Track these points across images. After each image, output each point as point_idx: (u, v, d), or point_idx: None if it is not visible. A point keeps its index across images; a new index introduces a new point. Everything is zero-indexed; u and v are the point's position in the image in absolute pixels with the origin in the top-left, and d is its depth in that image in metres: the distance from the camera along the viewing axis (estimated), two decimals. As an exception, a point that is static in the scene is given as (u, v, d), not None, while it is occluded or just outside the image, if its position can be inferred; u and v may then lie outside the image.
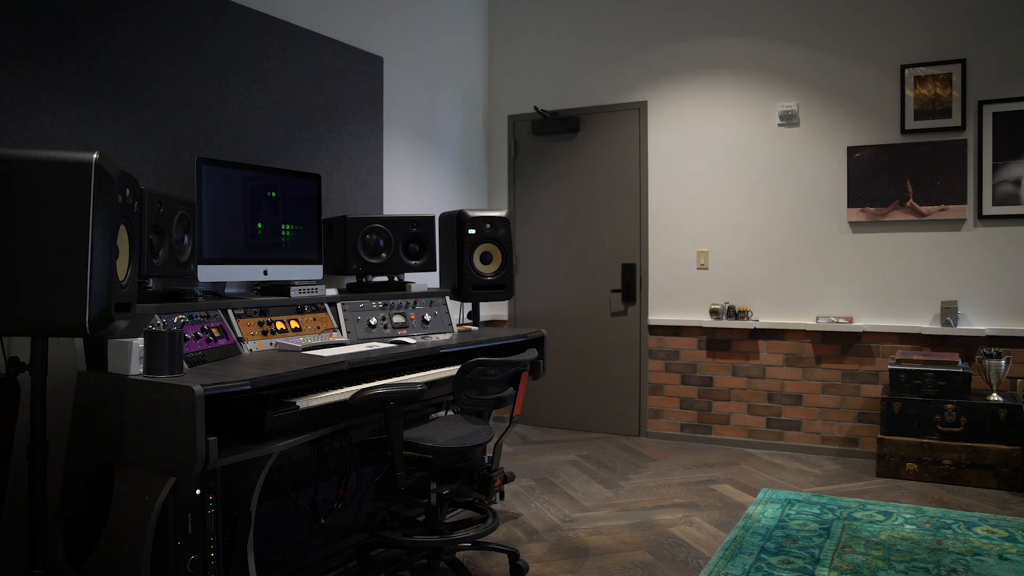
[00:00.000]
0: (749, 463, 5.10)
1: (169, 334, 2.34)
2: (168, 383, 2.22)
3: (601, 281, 5.96)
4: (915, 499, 4.29)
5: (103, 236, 2.07)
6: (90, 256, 2.03)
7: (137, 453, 2.27)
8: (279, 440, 2.52)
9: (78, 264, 2.03)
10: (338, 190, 4.50)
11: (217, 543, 2.59)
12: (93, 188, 2.04)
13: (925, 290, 5.06)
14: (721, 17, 5.58)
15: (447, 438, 2.98)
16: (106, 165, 2.09)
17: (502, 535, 3.77)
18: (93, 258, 2.04)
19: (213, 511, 2.58)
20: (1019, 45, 4.82)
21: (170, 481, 2.27)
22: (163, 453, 2.21)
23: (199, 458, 2.15)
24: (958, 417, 4.58)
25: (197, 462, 2.15)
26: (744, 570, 3.29)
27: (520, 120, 6.27)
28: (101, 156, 2.08)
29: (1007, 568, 3.30)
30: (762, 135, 5.48)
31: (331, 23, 4.52)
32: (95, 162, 2.06)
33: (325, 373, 2.82)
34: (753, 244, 5.50)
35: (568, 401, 6.11)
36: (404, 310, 3.90)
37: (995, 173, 4.87)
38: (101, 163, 2.07)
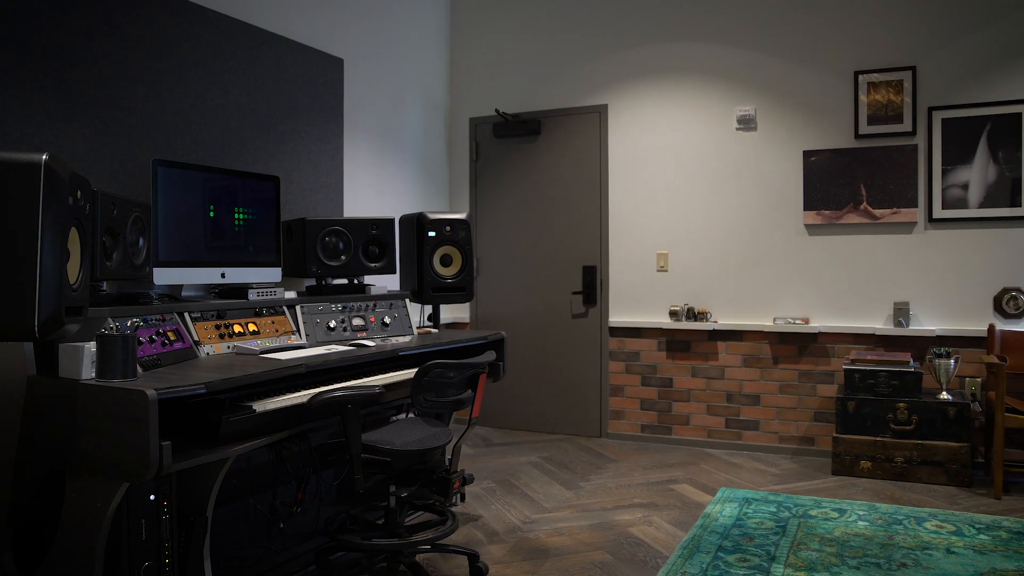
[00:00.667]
0: (708, 463, 5.16)
1: (122, 338, 2.31)
2: (121, 387, 2.20)
3: (562, 283, 6.00)
4: (869, 496, 4.38)
5: (53, 239, 2.04)
6: (39, 259, 2.00)
7: (89, 459, 2.24)
8: (235, 444, 2.51)
9: (26, 267, 2.00)
10: (298, 192, 4.47)
11: (172, 549, 2.57)
12: (42, 190, 2.01)
13: (878, 291, 5.17)
14: (680, 22, 5.65)
15: (406, 441, 2.98)
16: (56, 166, 2.06)
17: (462, 537, 3.78)
18: (42, 261, 2.01)
19: (168, 517, 2.55)
20: (966, 54, 4.95)
21: (123, 487, 2.24)
22: (116, 458, 2.18)
23: (152, 463, 2.13)
24: (910, 416, 4.68)
25: (150, 467, 2.13)
26: (701, 569, 3.34)
27: (481, 123, 6.28)
28: (51, 157, 2.05)
29: (954, 561, 3.38)
30: (721, 139, 5.55)
31: (292, 25, 4.49)
32: (44, 163, 2.03)
33: (283, 376, 2.81)
34: (712, 246, 5.57)
35: (530, 403, 6.13)
36: (364, 313, 3.89)
37: (944, 177, 4.99)
38: (51, 164, 2.04)
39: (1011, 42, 4.86)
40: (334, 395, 2.76)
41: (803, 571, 3.30)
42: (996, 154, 4.87)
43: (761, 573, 3.28)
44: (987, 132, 4.89)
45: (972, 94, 4.94)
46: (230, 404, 2.57)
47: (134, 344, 2.33)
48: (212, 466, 2.59)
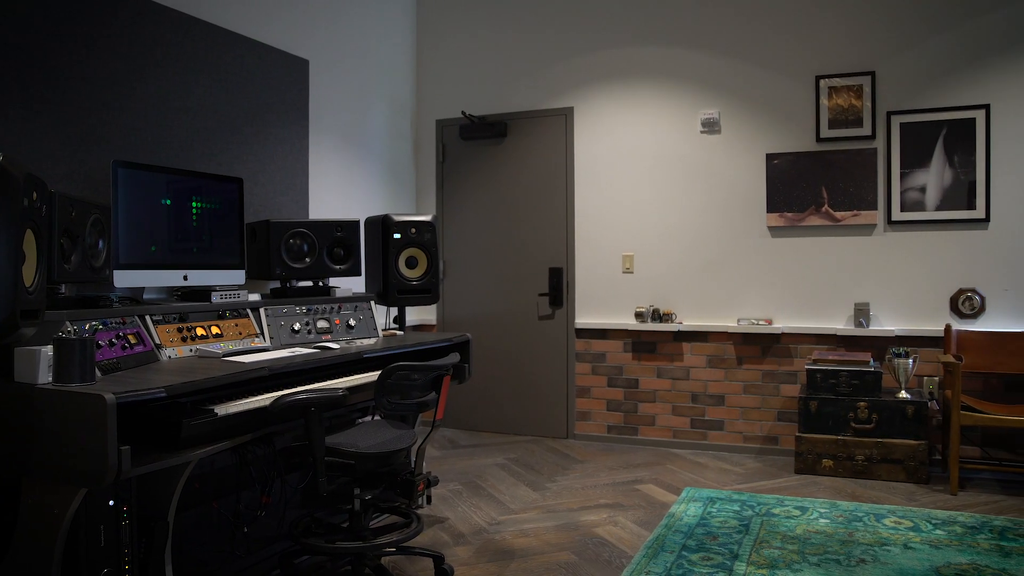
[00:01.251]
0: (674, 463, 5.21)
1: (80, 341, 2.28)
2: (78, 392, 2.17)
3: (529, 285, 6.02)
4: (830, 494, 4.45)
5: (7, 241, 2.01)
6: (-7, 262, 1.98)
7: (46, 464, 2.21)
8: (197, 448, 2.48)
9: (-19, 270, 1.97)
10: (262, 194, 4.44)
11: (132, 555, 2.54)
12: (-3, 192, 1.99)
13: (839, 292, 5.25)
14: (645, 26, 5.70)
15: (370, 443, 2.97)
16: (10, 167, 2.04)
17: (428, 539, 3.78)
18: (-3, 264, 1.98)
19: (128, 522, 2.52)
20: (923, 60, 5.05)
21: (81, 493, 2.21)
22: (73, 464, 2.16)
23: (111, 468, 2.11)
24: (870, 414, 4.76)
25: (109, 472, 2.10)
26: (665, 568, 3.37)
27: (448, 124, 6.28)
28: (5, 158, 2.02)
29: (911, 556, 3.45)
30: (685, 142, 5.61)
31: (256, 25, 4.46)
32: (-1, 165, 2.00)
33: (246, 379, 2.79)
34: (677, 248, 5.62)
35: (497, 404, 6.14)
36: (328, 315, 3.88)
37: (902, 180, 5.08)
38: (5, 165, 2.02)
39: (966, 49, 4.96)
40: (297, 398, 2.74)
41: (765, 569, 3.34)
42: (952, 158, 4.98)
43: (724, 571, 3.32)
44: (943, 136, 4.99)
45: (929, 99, 5.04)
46: (191, 408, 2.55)
47: (92, 348, 2.30)
48: (173, 470, 2.56)
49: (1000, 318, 4.92)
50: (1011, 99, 4.88)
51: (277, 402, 2.72)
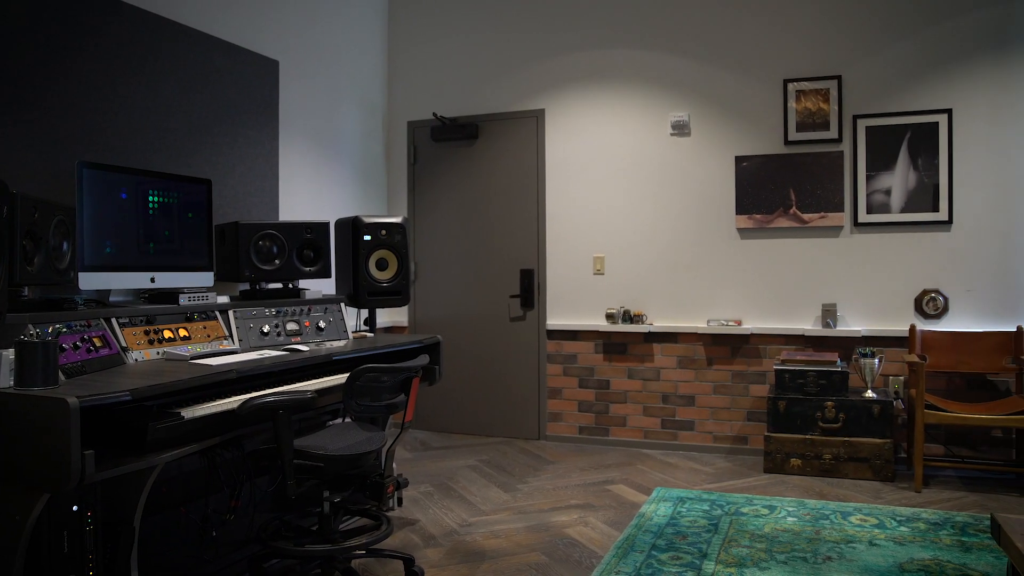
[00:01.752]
0: (644, 463, 5.24)
1: (42, 344, 2.25)
2: (40, 395, 2.14)
3: (500, 286, 6.02)
4: (798, 492, 4.50)
5: (-32, 243, 1.99)
6: (-47, 264, 1.95)
7: (7, 469, 2.18)
8: (163, 452, 2.46)
9: (-60, 273, 1.94)
10: (231, 196, 4.41)
11: (96, 561, 2.51)
12: (-43, 193, 1.96)
13: (807, 293, 5.31)
14: (616, 29, 5.73)
15: (339, 446, 2.96)
16: (-29, 169, 2.01)
17: (399, 541, 3.77)
18: (-43, 266, 1.96)
19: (92, 528, 2.49)
20: (888, 64, 5.13)
21: (43, 498, 2.19)
22: (35, 469, 2.13)
23: (74, 473, 2.08)
24: (837, 414, 4.82)
25: (72, 477, 2.08)
26: (635, 567, 3.39)
27: (420, 126, 6.27)
28: (-34, 160, 1.99)
29: (875, 552, 3.50)
30: (655, 144, 5.65)
31: (225, 25, 4.43)
32: (-41, 166, 1.97)
33: (214, 382, 2.78)
34: (647, 250, 5.66)
35: (468, 406, 6.14)
36: (298, 317, 3.86)
37: (868, 183, 5.16)
38: (-34, 167, 1.99)
39: (929, 55, 5.05)
40: (265, 401, 2.73)
41: (733, 567, 3.37)
42: (916, 161, 5.06)
43: (693, 570, 3.35)
44: (907, 140, 5.07)
45: (894, 103, 5.12)
46: (157, 411, 2.52)
47: (55, 351, 2.28)
48: (139, 475, 2.54)
49: (963, 318, 5.00)
50: (971, 104, 4.97)
51: (245, 405, 2.71)
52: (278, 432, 2.80)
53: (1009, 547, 2.54)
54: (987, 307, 4.97)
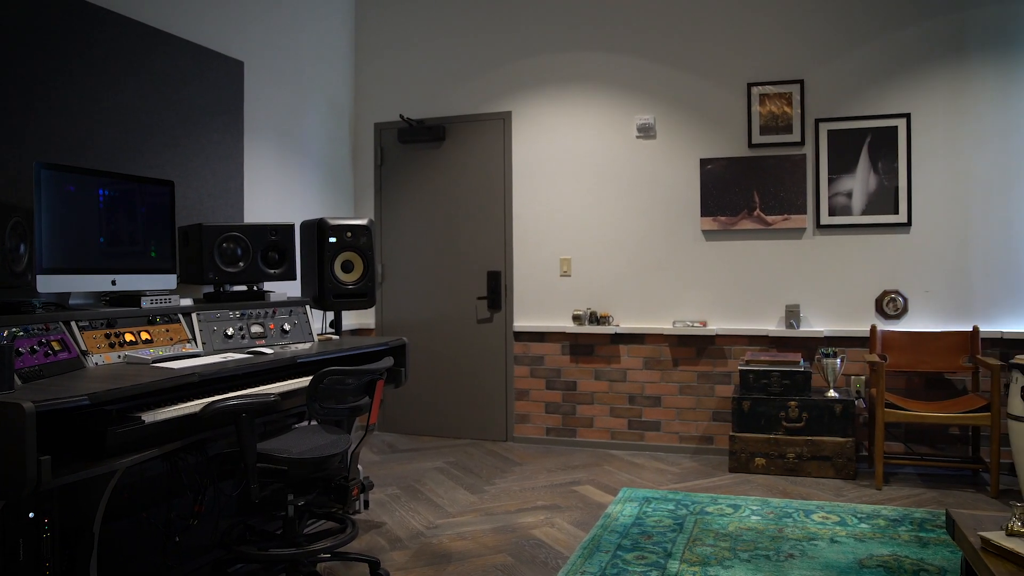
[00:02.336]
0: (611, 464, 5.27)
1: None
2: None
3: (467, 288, 6.03)
4: (762, 491, 4.55)
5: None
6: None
7: (-38, 475, 2.14)
8: (123, 456, 2.43)
9: None
10: (195, 197, 4.37)
11: (54, 569, 2.47)
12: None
13: (771, 294, 5.38)
14: (582, 33, 5.76)
15: (303, 449, 2.95)
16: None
17: (365, 544, 3.76)
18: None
19: (49, 535, 2.46)
20: (849, 69, 5.21)
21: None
22: (-9, 474, 2.10)
23: (29, 479, 2.05)
24: (800, 413, 4.88)
25: (27, 483, 2.05)
26: (600, 568, 3.41)
27: (386, 128, 6.26)
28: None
29: (836, 549, 3.56)
30: (621, 146, 5.69)
31: (189, 25, 4.39)
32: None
33: (177, 385, 2.75)
34: (613, 252, 5.70)
35: (436, 408, 6.13)
36: (263, 320, 3.84)
37: (830, 186, 5.24)
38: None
39: (888, 60, 5.14)
40: (228, 404, 2.71)
41: (697, 566, 3.41)
42: (876, 164, 5.15)
43: (657, 570, 3.38)
44: (868, 143, 5.16)
45: (854, 107, 5.21)
46: (117, 415, 2.49)
47: (11, 355, 2.25)
48: (98, 480, 2.50)
49: (921, 318, 5.10)
50: (929, 109, 5.07)
51: (207, 408, 2.68)
52: (241, 436, 2.78)
53: (963, 541, 2.59)
54: (945, 308, 5.06)
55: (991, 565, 2.31)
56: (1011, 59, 4.93)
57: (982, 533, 2.48)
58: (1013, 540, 2.36)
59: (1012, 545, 2.33)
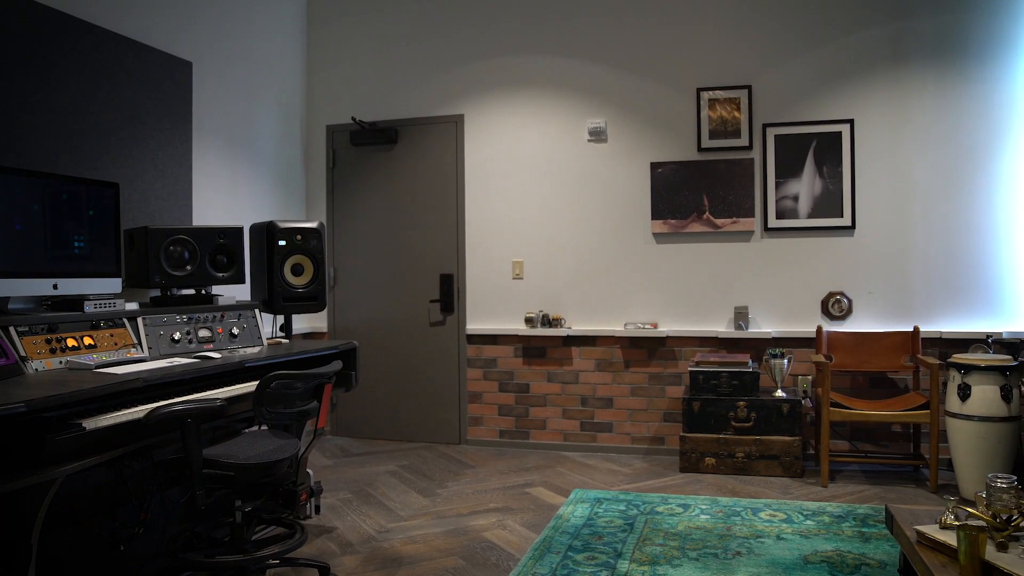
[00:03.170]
0: (564, 465, 5.30)
1: (-68, 355, 2.16)
2: (-72, 408, 2.06)
3: (420, 291, 6.02)
4: (712, 491, 4.62)
5: None
6: None
7: None
8: (63, 464, 2.39)
9: None
10: (142, 200, 4.30)
11: (-9, 579, 2.42)
12: None
13: (721, 296, 5.46)
14: (534, 36, 5.80)
15: (250, 454, 2.92)
16: None
17: (316, 549, 3.73)
18: None
19: (-14, 545, 2.40)
20: (795, 75, 5.32)
21: (-69, 514, 2.10)
22: (-77, 484, 2.04)
23: (-37, 488, 2.01)
24: (749, 413, 4.97)
25: (-39, 492, 2.01)
26: (551, 569, 3.43)
27: (339, 130, 6.22)
28: None
29: (782, 546, 3.63)
30: (573, 150, 5.73)
31: (135, 24, 4.32)
32: None
33: (121, 391, 2.70)
34: (566, 254, 5.74)
35: (389, 412, 6.11)
36: (211, 324, 3.79)
37: (777, 189, 5.34)
38: None
39: (833, 67, 5.26)
40: (173, 409, 2.68)
41: (647, 565, 3.45)
42: (821, 169, 5.26)
43: (607, 570, 3.41)
44: (813, 148, 5.27)
45: (800, 113, 5.32)
46: (56, 422, 2.45)
47: (-55, 362, 2.19)
48: (36, 489, 2.45)
49: (865, 319, 5.22)
50: (871, 115, 5.20)
51: (152, 414, 2.64)
52: (186, 441, 2.74)
53: (900, 536, 2.67)
54: (887, 308, 5.19)
55: (925, 557, 2.38)
56: (947, 68, 5.08)
57: (918, 527, 2.55)
58: (946, 533, 2.43)
59: (944, 538, 2.40)
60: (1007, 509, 2.34)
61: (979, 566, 2.19)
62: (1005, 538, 2.31)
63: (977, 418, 4.29)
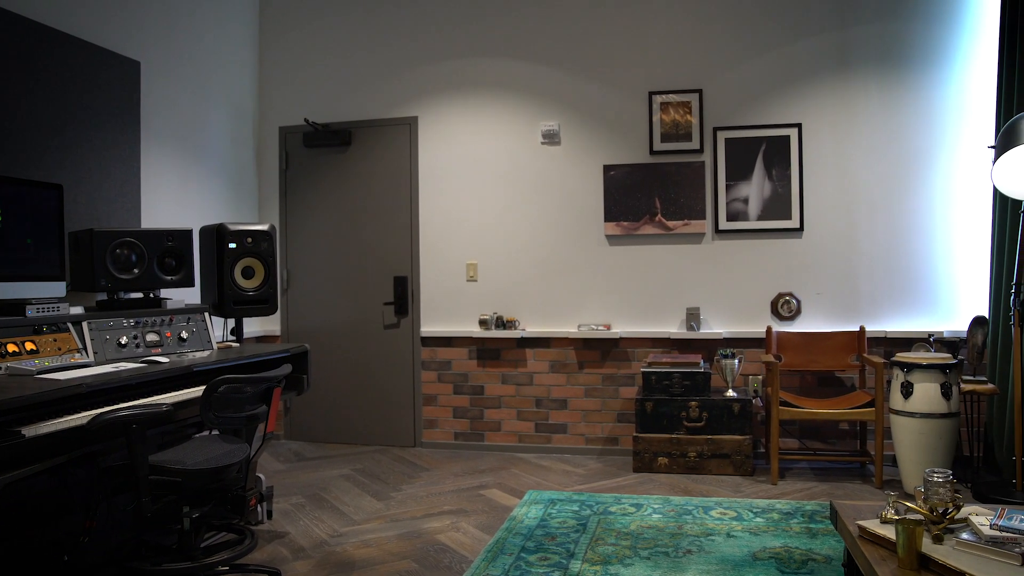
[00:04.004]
0: (518, 467, 5.32)
1: None
2: None
3: (374, 294, 5.99)
4: (665, 490, 4.67)
5: None
6: None
7: None
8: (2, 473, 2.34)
9: None
10: (88, 202, 4.22)
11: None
12: None
13: (673, 297, 5.53)
14: (487, 39, 5.81)
15: (197, 459, 2.89)
16: None
17: (267, 555, 3.70)
18: None
19: (-78, 556, 2.34)
20: (745, 79, 5.41)
21: None
22: None
23: None
24: (700, 413, 5.03)
25: None
26: (504, 570, 3.44)
27: (292, 132, 6.17)
28: None
29: (732, 544, 3.68)
30: (527, 152, 5.76)
31: (80, 23, 4.24)
32: None
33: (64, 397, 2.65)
34: (519, 256, 5.76)
35: (343, 415, 6.07)
36: (159, 328, 3.73)
37: (728, 192, 5.42)
38: None
39: (781, 72, 5.36)
40: (117, 415, 2.63)
41: (599, 565, 3.47)
42: (771, 172, 5.35)
43: (559, 570, 3.43)
44: (763, 152, 5.37)
45: (750, 117, 5.41)
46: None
47: None
48: (-25, 497, 2.40)
49: (814, 319, 5.33)
50: (819, 119, 5.31)
51: (95, 420, 2.60)
52: (131, 447, 2.70)
53: (843, 531, 2.73)
54: (834, 309, 5.30)
55: (866, 551, 2.44)
56: (891, 74, 5.20)
57: (860, 522, 2.62)
58: (886, 527, 2.49)
59: (884, 532, 2.46)
60: (943, 503, 2.41)
61: (916, 558, 2.26)
62: (941, 531, 2.38)
63: (919, 415, 4.41)
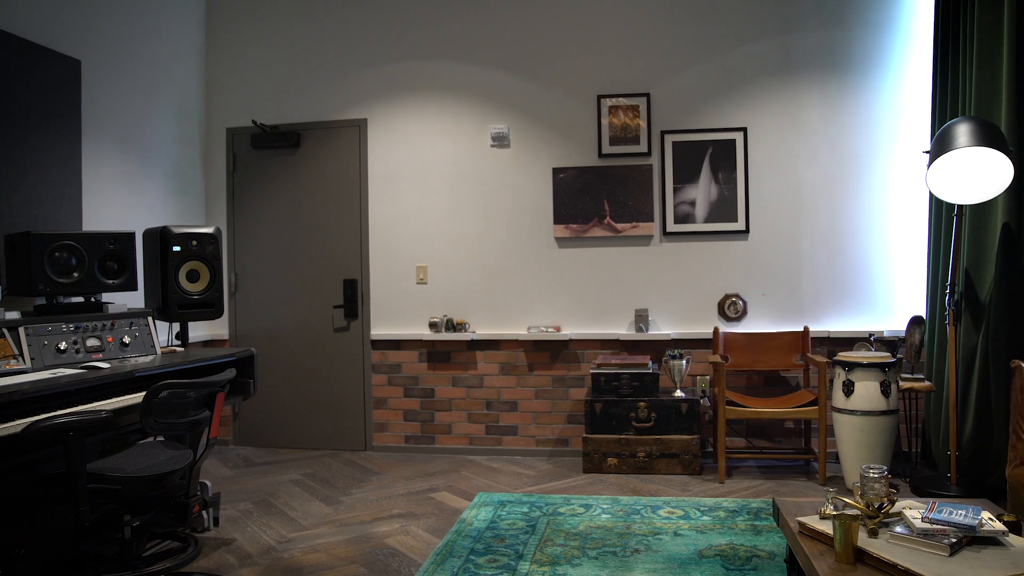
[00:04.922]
0: (469, 469, 5.32)
1: None
2: None
3: (323, 297, 5.94)
4: (614, 490, 4.71)
5: None
6: None
7: None
8: (-68, 482, 2.27)
9: None
10: (24, 204, 4.12)
11: None
12: None
13: (622, 299, 5.58)
14: (436, 42, 5.81)
15: (138, 467, 2.84)
16: None
17: (213, 563, 3.64)
18: None
19: None
20: (691, 84, 5.49)
21: None
22: None
23: None
24: (649, 413, 5.09)
25: None
26: (453, 573, 3.44)
27: (239, 133, 6.09)
28: None
29: (679, 542, 3.73)
30: (476, 155, 5.77)
31: (17, 19, 4.13)
32: None
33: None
34: (469, 259, 5.76)
35: (293, 419, 6.01)
36: (100, 333, 3.66)
37: (675, 195, 5.49)
38: None
39: (727, 77, 5.45)
40: (54, 422, 2.58)
41: (547, 566, 3.49)
42: (717, 175, 5.44)
43: (508, 572, 3.44)
44: (709, 155, 5.45)
45: (697, 120, 5.49)
46: (-75, 439, 2.33)
47: None
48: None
49: (759, 320, 5.42)
50: (763, 124, 5.41)
51: (30, 428, 2.54)
52: (69, 455, 2.64)
53: (785, 527, 2.79)
54: (779, 310, 5.41)
55: (805, 546, 2.50)
56: (831, 80, 5.33)
57: (800, 518, 2.67)
58: (824, 523, 2.56)
59: (823, 527, 2.52)
60: (878, 498, 2.48)
61: (852, 552, 2.32)
62: (876, 525, 2.45)
63: (860, 412, 4.51)
